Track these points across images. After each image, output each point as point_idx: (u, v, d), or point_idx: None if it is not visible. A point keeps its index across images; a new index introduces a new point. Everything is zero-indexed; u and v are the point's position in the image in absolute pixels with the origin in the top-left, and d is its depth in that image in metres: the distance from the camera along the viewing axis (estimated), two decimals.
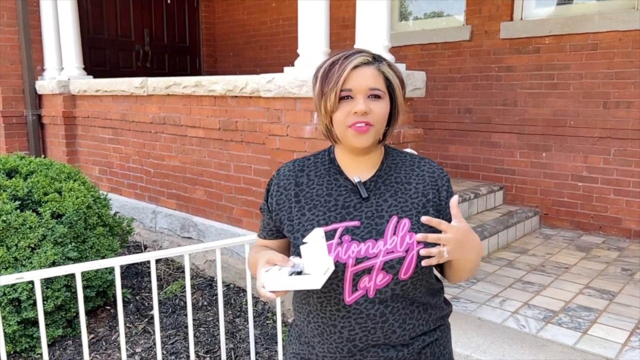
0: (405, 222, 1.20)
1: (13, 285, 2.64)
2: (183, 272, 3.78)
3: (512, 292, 3.08)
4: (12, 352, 2.77)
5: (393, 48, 3.56)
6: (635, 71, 3.97)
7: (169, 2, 6.87)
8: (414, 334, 1.22)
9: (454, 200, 1.10)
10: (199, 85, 3.77)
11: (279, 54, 6.49)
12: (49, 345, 2.85)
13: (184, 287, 3.51)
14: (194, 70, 7.24)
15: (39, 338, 2.76)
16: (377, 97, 1.17)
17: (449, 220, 1.21)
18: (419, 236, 1.06)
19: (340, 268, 1.16)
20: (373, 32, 2.85)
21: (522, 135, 4.59)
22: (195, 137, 3.94)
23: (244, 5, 6.88)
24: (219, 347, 2.82)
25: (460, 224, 1.08)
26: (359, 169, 1.26)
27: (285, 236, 1.30)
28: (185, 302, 3.34)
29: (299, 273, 1.09)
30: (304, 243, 1.14)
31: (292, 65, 3.21)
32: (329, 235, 1.19)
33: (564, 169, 4.39)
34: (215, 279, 3.65)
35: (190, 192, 4.10)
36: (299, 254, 1.16)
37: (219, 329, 2.99)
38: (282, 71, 3.22)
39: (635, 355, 2.34)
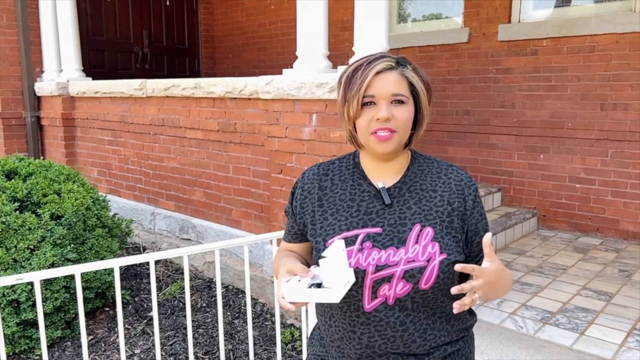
0: (429, 231, 1.17)
1: (12, 286, 2.65)
2: (182, 273, 3.79)
3: (509, 293, 3.09)
4: (11, 354, 2.77)
5: (391, 50, 3.58)
6: (632, 73, 3.99)
7: (168, 4, 6.88)
8: (434, 344, 1.19)
9: (487, 239, 1.06)
10: (198, 87, 3.78)
11: (278, 55, 6.50)
12: (48, 347, 2.86)
13: (183, 289, 3.52)
14: (193, 72, 7.25)
15: (38, 339, 2.77)
16: (401, 102, 1.15)
17: (474, 233, 1.22)
18: (454, 289, 1.03)
19: (360, 275, 1.14)
20: (371, 35, 2.86)
21: (520, 137, 4.60)
22: (194, 138, 3.95)
23: (242, 7, 6.89)
24: (218, 349, 2.83)
25: (493, 265, 1.05)
26: (383, 174, 1.24)
27: (307, 240, 1.30)
28: (184, 304, 3.34)
29: (319, 285, 1.09)
30: (325, 250, 1.14)
31: (291, 67, 3.22)
32: (350, 241, 1.17)
33: (562, 171, 4.40)
34: (214, 281, 3.66)
35: (189, 193, 4.11)
36: (317, 264, 1.16)
37: (217, 330, 3.00)
38: (281, 73, 3.23)
39: (632, 356, 2.35)
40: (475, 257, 1.25)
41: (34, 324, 2.75)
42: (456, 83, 4.96)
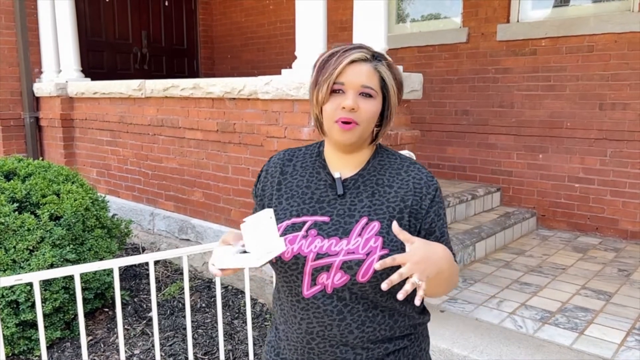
0: (375, 225, 1.16)
1: (11, 287, 2.64)
2: (181, 274, 3.79)
3: (509, 293, 3.09)
4: (10, 355, 2.77)
5: (390, 50, 3.58)
6: (630, 73, 4.00)
7: (166, 4, 6.88)
8: (373, 338, 1.18)
9: (395, 226, 1.06)
10: (197, 88, 3.78)
11: (277, 56, 6.50)
12: (48, 348, 2.85)
13: (182, 289, 3.51)
14: (192, 72, 7.25)
15: (37, 340, 2.76)
16: (369, 95, 1.15)
17: (428, 232, 1.19)
18: (383, 285, 0.99)
19: (300, 261, 1.16)
20: (370, 35, 2.87)
21: (519, 136, 4.61)
22: (193, 139, 3.95)
23: (241, 8, 6.89)
24: (218, 349, 2.82)
25: (414, 245, 1.03)
26: (343, 165, 1.24)
27: None
28: (183, 304, 3.34)
29: (245, 252, 1.10)
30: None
31: (290, 67, 3.22)
32: (298, 227, 1.19)
33: (561, 171, 4.41)
34: (213, 281, 3.65)
35: (188, 194, 4.11)
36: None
37: (217, 331, 3.00)
38: (279, 73, 3.23)
39: (631, 355, 2.35)
40: None
41: (34, 324, 2.75)
42: (455, 83, 4.97)
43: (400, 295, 0.98)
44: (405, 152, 2.75)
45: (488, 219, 4.18)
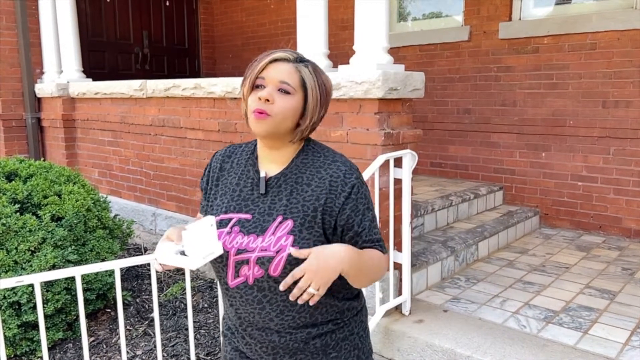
0: (288, 224, 1.22)
1: (13, 288, 2.64)
2: (183, 274, 3.78)
3: (512, 292, 3.08)
4: (12, 356, 2.76)
5: (392, 49, 3.56)
6: (634, 70, 3.98)
7: (167, 4, 6.88)
8: (294, 325, 1.26)
9: (293, 251, 1.15)
10: (198, 87, 3.77)
11: None
12: (50, 349, 2.85)
13: (185, 289, 3.51)
14: (193, 72, 7.24)
15: (39, 341, 2.76)
16: (286, 92, 1.21)
17: (347, 228, 1.24)
18: (281, 286, 1.15)
19: (224, 255, 1.25)
20: (372, 34, 2.85)
21: (521, 135, 4.59)
22: (195, 139, 3.94)
23: (242, 7, 6.88)
24: (220, 349, 2.82)
25: (310, 256, 1.12)
26: (270, 163, 1.30)
27: None
28: (185, 305, 3.33)
29: (184, 253, 1.18)
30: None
31: None
32: (224, 223, 1.28)
33: (564, 169, 4.39)
34: (215, 281, 3.65)
35: (190, 194, 4.10)
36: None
37: (219, 331, 2.99)
38: None
39: (636, 355, 2.34)
40: None
41: (35, 325, 2.74)
42: (457, 81, 4.95)
43: (291, 297, 1.13)
44: (406, 152, 2.74)
45: (491, 218, 4.17)
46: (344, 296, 1.32)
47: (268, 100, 1.19)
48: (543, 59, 4.40)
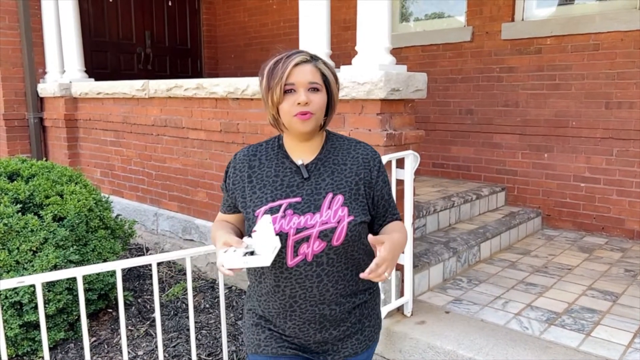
0: (339, 198, 1.41)
1: (15, 288, 2.64)
2: (185, 274, 3.78)
3: (514, 294, 3.07)
4: (14, 356, 2.77)
5: (394, 49, 3.55)
6: (637, 71, 3.96)
7: (170, 4, 6.88)
8: (344, 293, 1.45)
9: (370, 237, 1.29)
10: (200, 88, 3.77)
11: None
12: (51, 349, 2.85)
13: (186, 290, 3.50)
14: (196, 72, 7.25)
15: (40, 341, 2.76)
16: (316, 89, 1.38)
17: (380, 197, 1.48)
18: (365, 275, 1.26)
19: (283, 237, 1.37)
20: (374, 34, 2.85)
21: (524, 136, 4.58)
22: (197, 139, 3.94)
23: (245, 7, 6.88)
24: (221, 350, 2.81)
25: (385, 246, 1.28)
26: (303, 152, 1.47)
27: (240, 212, 1.52)
28: (187, 305, 3.33)
29: (252, 253, 1.30)
30: (255, 221, 1.39)
31: None
32: (275, 210, 1.40)
33: (566, 170, 4.38)
34: (217, 281, 3.65)
35: (192, 194, 4.10)
36: (250, 235, 1.37)
37: (221, 332, 2.98)
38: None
39: (639, 357, 2.33)
40: (382, 216, 1.52)
41: (37, 326, 2.74)
42: (459, 82, 4.94)
43: (364, 275, 1.26)
44: (408, 152, 2.73)
45: (493, 219, 4.16)
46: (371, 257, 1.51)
47: (307, 103, 1.35)
48: (546, 59, 4.39)
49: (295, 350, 1.49)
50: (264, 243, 1.27)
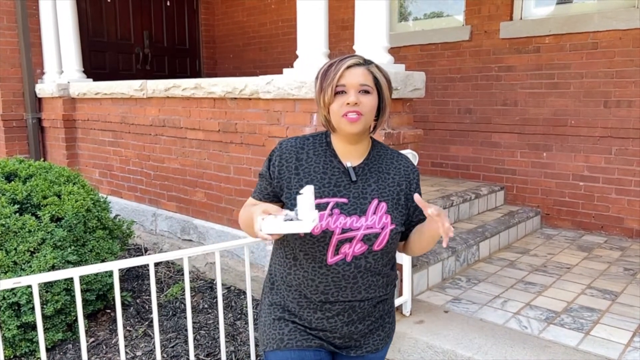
0: (384, 205, 1.46)
1: (12, 289, 2.63)
2: (184, 274, 3.77)
3: (513, 293, 3.06)
4: (12, 357, 2.76)
5: (392, 49, 3.55)
6: (635, 70, 3.96)
7: (168, 4, 6.87)
8: (371, 296, 1.50)
9: (417, 197, 1.32)
10: (199, 87, 3.76)
11: (279, 55, 6.48)
12: (50, 349, 2.84)
13: (185, 290, 3.50)
14: (194, 72, 7.24)
15: (38, 342, 2.75)
16: (366, 92, 1.40)
17: (415, 208, 1.52)
18: (431, 210, 1.28)
19: (328, 234, 1.41)
20: (372, 33, 2.84)
21: (522, 135, 4.58)
22: (195, 139, 3.94)
23: (243, 7, 6.87)
24: (220, 350, 2.81)
25: (437, 208, 1.30)
26: (350, 155, 1.49)
27: (276, 201, 1.52)
28: (186, 305, 3.32)
29: (291, 220, 1.30)
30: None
31: (292, 66, 3.20)
32: (322, 207, 1.42)
33: (565, 169, 4.37)
34: (215, 282, 3.64)
35: (190, 194, 4.09)
36: (290, 209, 1.38)
37: (219, 332, 2.98)
38: (281, 73, 3.21)
39: (638, 356, 2.32)
40: (410, 228, 1.55)
41: (35, 326, 2.73)
42: (458, 81, 4.94)
43: (450, 234, 1.28)
44: (407, 152, 2.72)
45: (492, 218, 4.15)
46: (395, 265, 1.58)
47: (356, 104, 1.37)
48: (544, 58, 4.39)
49: (320, 342, 1.51)
50: (305, 210, 1.27)
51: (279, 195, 1.51)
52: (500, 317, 2.73)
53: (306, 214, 1.27)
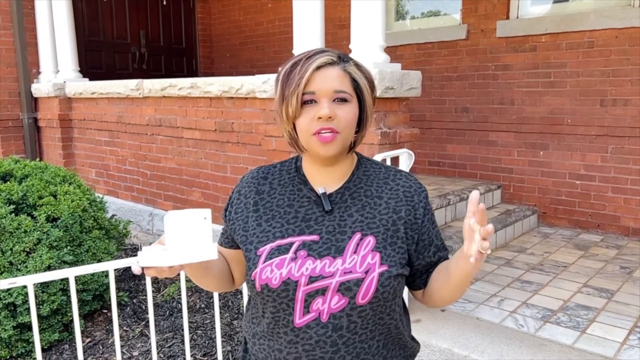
0: (370, 240, 1.08)
1: (8, 289, 2.62)
2: (180, 274, 3.77)
3: (510, 292, 3.07)
4: (8, 357, 2.75)
5: (389, 48, 3.55)
6: (631, 69, 3.97)
7: (164, 3, 6.85)
8: None
9: (476, 195, 0.98)
10: (195, 87, 3.75)
11: (275, 54, 6.48)
12: (46, 350, 2.84)
13: (181, 290, 3.49)
14: (191, 71, 7.23)
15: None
16: (344, 100, 1.06)
17: (428, 243, 1.15)
18: (479, 252, 0.92)
19: (291, 287, 1.05)
20: (368, 32, 2.84)
21: (519, 133, 4.58)
22: (192, 138, 3.93)
23: (240, 6, 6.86)
24: (217, 350, 2.80)
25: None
26: (326, 179, 1.15)
27: (237, 247, 1.20)
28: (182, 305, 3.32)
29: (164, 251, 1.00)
30: (257, 257, 1.07)
31: None
32: (284, 249, 1.08)
33: (562, 167, 4.38)
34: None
35: (187, 194, 4.08)
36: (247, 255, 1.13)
37: (216, 332, 2.97)
38: (277, 72, 3.20)
39: (634, 354, 2.33)
40: (433, 265, 1.17)
41: (31, 327, 2.73)
42: (455, 80, 4.94)
43: (479, 254, 0.92)
44: (403, 151, 2.72)
45: (489, 217, 4.16)
46: (409, 335, 1.20)
47: (330, 118, 1.03)
48: (541, 57, 4.39)
49: None
50: (178, 238, 0.95)
51: (235, 240, 1.18)
52: (496, 316, 2.73)
53: (174, 243, 0.95)
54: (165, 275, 1.00)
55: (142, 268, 0.99)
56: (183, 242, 0.95)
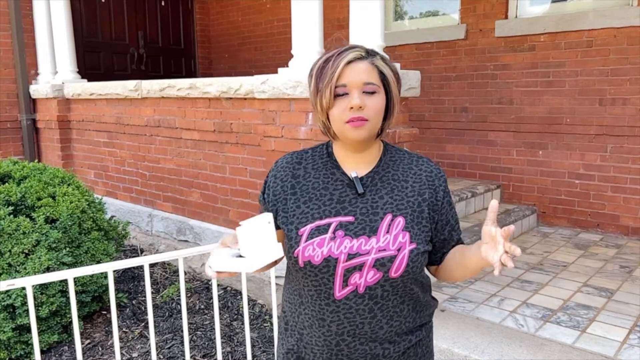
0: (400, 221, 1.20)
1: (7, 291, 2.62)
2: (179, 275, 3.76)
3: (510, 291, 3.06)
4: (7, 359, 2.74)
5: (388, 48, 3.55)
6: (630, 68, 3.97)
7: (163, 4, 6.85)
8: (400, 331, 1.24)
9: (495, 205, 1.07)
10: (193, 87, 3.75)
11: (274, 55, 6.47)
12: (45, 352, 2.83)
13: (181, 291, 3.48)
14: (189, 72, 7.22)
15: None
16: (372, 92, 1.17)
17: (445, 222, 1.27)
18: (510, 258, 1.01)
19: (331, 263, 1.17)
20: (367, 32, 2.84)
21: (518, 133, 4.58)
22: (190, 139, 3.92)
23: (238, 7, 6.86)
24: (216, 351, 2.80)
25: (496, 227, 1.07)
26: (356, 164, 1.26)
27: (280, 227, 1.28)
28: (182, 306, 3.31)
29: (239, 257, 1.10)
30: (299, 237, 1.19)
31: (287, 66, 3.20)
32: (323, 230, 1.19)
33: (561, 167, 4.38)
34: (211, 282, 3.63)
35: (186, 195, 4.08)
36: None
37: (216, 333, 2.97)
38: (277, 72, 3.20)
39: (634, 353, 2.33)
40: (447, 244, 1.29)
41: (30, 329, 2.72)
42: (454, 80, 4.94)
43: (501, 265, 1.01)
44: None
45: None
46: (430, 294, 1.34)
47: (361, 107, 1.15)
48: (539, 56, 4.39)
49: None
50: (253, 244, 1.07)
51: (278, 221, 1.28)
52: (496, 316, 2.73)
53: (252, 250, 1.06)
54: (229, 276, 1.15)
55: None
56: (256, 247, 1.07)
